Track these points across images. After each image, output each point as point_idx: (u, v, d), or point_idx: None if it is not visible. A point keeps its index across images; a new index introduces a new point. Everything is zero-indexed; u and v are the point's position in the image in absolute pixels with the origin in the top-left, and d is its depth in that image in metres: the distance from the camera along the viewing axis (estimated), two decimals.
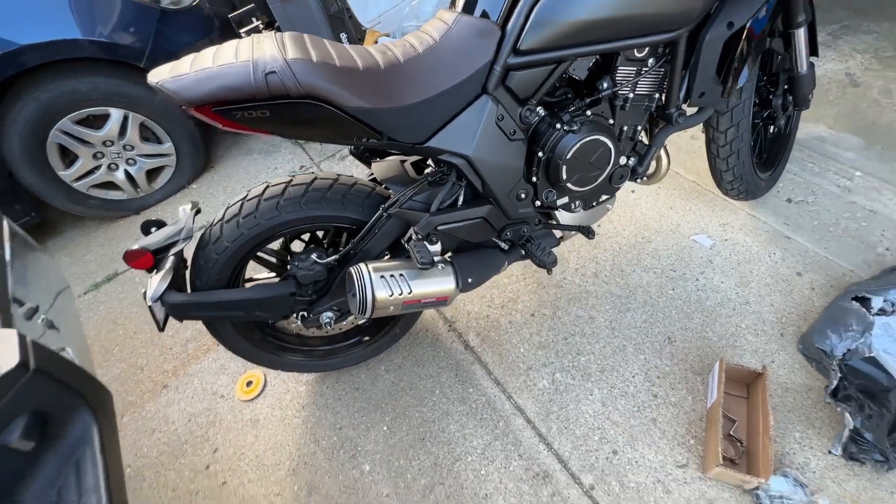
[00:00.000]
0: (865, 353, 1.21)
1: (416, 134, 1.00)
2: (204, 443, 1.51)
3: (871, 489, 1.13)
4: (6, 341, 0.71)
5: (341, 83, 0.88)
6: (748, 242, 1.65)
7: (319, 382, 1.58)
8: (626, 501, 1.19)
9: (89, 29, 1.91)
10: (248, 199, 1.11)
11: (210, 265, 1.12)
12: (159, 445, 1.53)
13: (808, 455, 1.19)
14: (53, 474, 0.73)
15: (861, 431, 1.12)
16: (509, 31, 0.98)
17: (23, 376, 0.68)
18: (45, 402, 0.71)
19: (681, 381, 1.38)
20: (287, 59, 0.85)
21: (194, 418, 1.58)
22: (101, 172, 2.20)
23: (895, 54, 2.18)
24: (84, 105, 2.00)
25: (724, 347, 1.42)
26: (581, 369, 1.46)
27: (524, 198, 1.18)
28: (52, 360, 0.73)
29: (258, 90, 0.84)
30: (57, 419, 0.73)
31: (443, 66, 0.98)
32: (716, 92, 1.16)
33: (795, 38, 1.36)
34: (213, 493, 1.39)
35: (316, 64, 0.87)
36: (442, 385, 1.50)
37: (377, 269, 1.08)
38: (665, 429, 1.30)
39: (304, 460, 1.41)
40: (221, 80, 0.84)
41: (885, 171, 1.76)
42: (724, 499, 1.16)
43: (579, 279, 1.68)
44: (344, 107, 0.89)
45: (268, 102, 0.86)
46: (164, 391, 1.67)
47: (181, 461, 1.48)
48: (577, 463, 1.27)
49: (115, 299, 2.02)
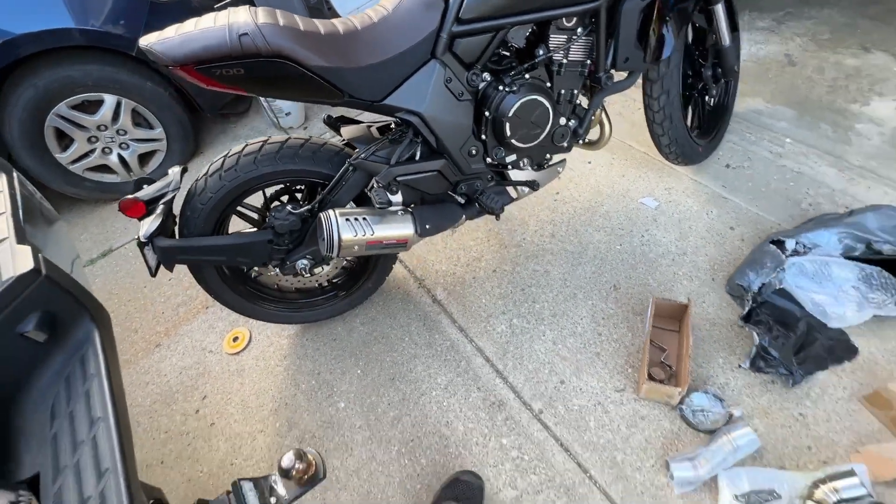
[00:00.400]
0: (777, 286, 1.37)
1: (373, 92, 1.15)
2: (193, 391, 1.64)
3: (779, 402, 1.29)
4: (22, 253, 0.85)
5: (304, 44, 1.03)
6: (689, 203, 1.82)
7: (300, 335, 1.72)
8: (571, 421, 1.35)
9: (82, 19, 2.04)
10: (229, 155, 1.25)
11: (196, 215, 1.26)
12: (152, 395, 1.66)
13: (729, 376, 1.35)
14: (62, 365, 0.87)
15: (768, 349, 1.28)
16: (452, 3, 1.13)
17: (35, 280, 0.82)
18: (54, 305, 0.85)
19: (623, 321, 1.54)
20: (258, 23, 1.00)
21: (185, 371, 1.71)
22: (95, 156, 2.33)
23: (831, 37, 2.36)
24: (79, 91, 2.14)
25: (663, 292, 1.58)
26: (535, 315, 1.61)
27: (475, 154, 1.33)
28: (60, 273, 0.88)
29: (233, 50, 0.98)
30: (64, 321, 0.87)
31: (395, 33, 1.13)
32: (638, 57, 1.32)
33: (715, 13, 1.53)
34: (202, 433, 1.53)
35: (282, 27, 1.02)
36: (411, 333, 1.65)
37: (343, 213, 1.23)
38: (607, 360, 1.45)
39: (285, 402, 1.55)
40: (202, 42, 0.98)
41: (812, 138, 1.93)
42: (654, 415, 1.32)
43: (538, 239, 1.84)
44: (307, 65, 1.04)
45: (242, 61, 1.00)
46: (156, 349, 1.81)
47: (173, 407, 1.61)
48: (529, 392, 1.42)
49: (111, 272, 2.15)
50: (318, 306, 1.65)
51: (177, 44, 0.98)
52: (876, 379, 1.28)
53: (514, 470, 1.29)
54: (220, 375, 1.67)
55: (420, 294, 1.76)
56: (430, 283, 1.79)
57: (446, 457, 1.34)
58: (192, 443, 1.50)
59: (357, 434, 1.43)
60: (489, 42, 1.20)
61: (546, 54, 1.26)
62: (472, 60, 1.21)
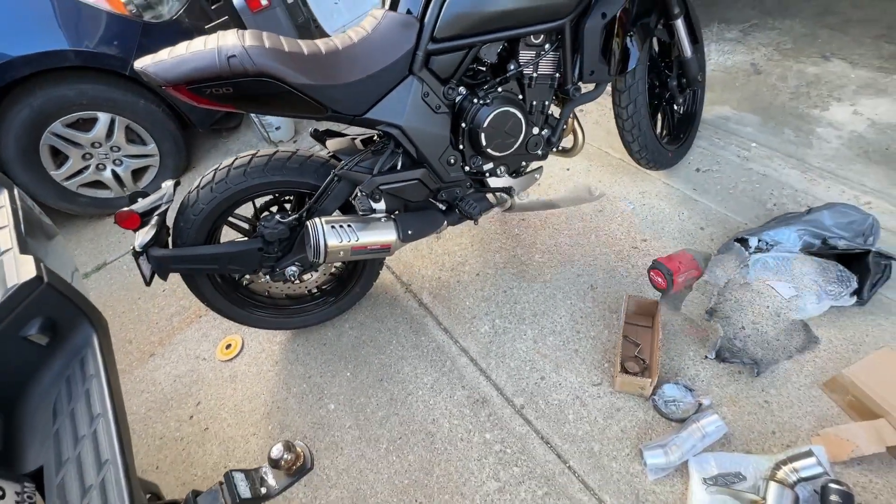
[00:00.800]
0: (740, 281, 1.45)
1: (355, 107, 1.22)
2: (188, 398, 1.69)
3: (746, 390, 1.36)
4: (25, 262, 0.91)
5: (289, 64, 1.10)
6: (662, 205, 1.90)
7: (291, 341, 1.77)
8: (551, 415, 1.41)
9: (76, 40, 2.11)
10: (220, 168, 1.32)
11: (189, 225, 1.32)
12: (147, 403, 1.70)
13: (699, 368, 1.42)
14: (62, 367, 0.92)
15: (733, 340, 1.35)
16: (426, 23, 1.22)
17: (38, 287, 0.88)
18: (56, 311, 0.91)
19: (600, 318, 1.60)
20: (245, 45, 1.08)
21: (179, 379, 1.75)
22: (89, 172, 2.38)
23: (793, 47, 2.48)
24: (74, 109, 2.20)
25: (637, 290, 1.65)
26: (517, 315, 1.67)
27: (454, 163, 1.40)
28: (61, 282, 0.93)
29: (222, 70, 1.06)
30: (65, 326, 0.93)
31: (374, 52, 1.21)
32: (603, 70, 1.41)
33: (676, 28, 1.63)
34: (196, 438, 1.57)
35: (268, 49, 1.09)
36: (398, 336, 1.70)
37: (329, 221, 1.29)
38: (584, 357, 1.52)
39: (277, 405, 1.60)
40: (193, 63, 1.05)
41: (777, 142, 2.03)
42: (629, 407, 1.38)
43: (519, 243, 1.91)
44: (291, 83, 1.11)
45: (230, 80, 1.07)
46: (151, 359, 1.85)
47: (167, 414, 1.65)
48: (511, 388, 1.48)
49: (105, 285, 2.19)
50: (308, 312, 1.71)
51: (170, 66, 1.05)
52: (834, 366, 1.35)
53: (497, 463, 1.34)
54: (213, 382, 1.71)
55: (407, 298, 1.82)
56: (417, 287, 1.85)
57: (433, 453, 1.39)
58: (187, 448, 1.54)
59: (347, 434, 1.48)
60: (463, 58, 1.28)
61: (517, 69, 1.34)
62: (447, 76, 1.29)
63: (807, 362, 1.38)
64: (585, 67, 1.38)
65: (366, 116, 1.24)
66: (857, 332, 1.40)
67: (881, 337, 1.38)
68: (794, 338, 1.38)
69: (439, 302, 1.78)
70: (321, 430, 1.51)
